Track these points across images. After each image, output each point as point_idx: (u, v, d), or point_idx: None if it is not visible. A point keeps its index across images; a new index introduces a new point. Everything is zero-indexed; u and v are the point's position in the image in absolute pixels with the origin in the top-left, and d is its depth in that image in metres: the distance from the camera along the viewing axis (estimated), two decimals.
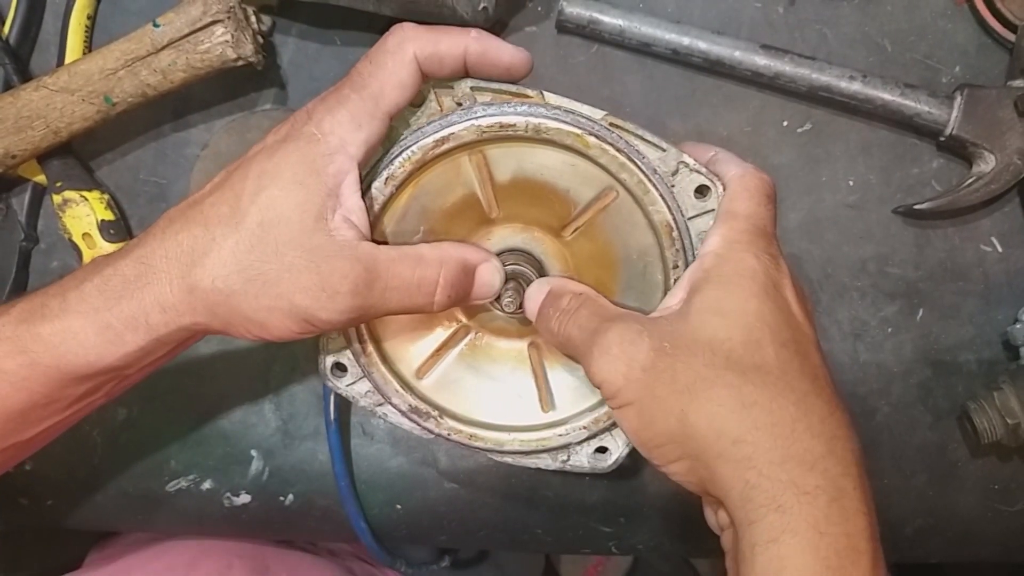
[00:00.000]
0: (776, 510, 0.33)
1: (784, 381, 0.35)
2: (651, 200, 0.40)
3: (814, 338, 0.37)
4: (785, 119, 0.56)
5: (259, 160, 0.38)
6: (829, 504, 0.33)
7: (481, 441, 0.46)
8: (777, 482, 0.33)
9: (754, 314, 0.36)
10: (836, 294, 0.57)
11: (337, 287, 0.37)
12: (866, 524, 0.33)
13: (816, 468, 0.33)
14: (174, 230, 0.38)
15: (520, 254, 0.45)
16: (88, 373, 0.39)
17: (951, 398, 0.58)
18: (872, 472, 0.58)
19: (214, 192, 0.38)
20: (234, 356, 0.59)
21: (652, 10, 0.55)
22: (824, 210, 0.57)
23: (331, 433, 0.57)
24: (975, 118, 0.53)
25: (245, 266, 0.36)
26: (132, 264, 0.38)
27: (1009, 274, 0.57)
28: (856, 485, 0.34)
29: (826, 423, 0.34)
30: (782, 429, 0.34)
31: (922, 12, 0.55)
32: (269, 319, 0.37)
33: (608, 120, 0.40)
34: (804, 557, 0.32)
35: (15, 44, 0.54)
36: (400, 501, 0.60)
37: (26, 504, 0.60)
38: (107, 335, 0.37)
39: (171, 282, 0.37)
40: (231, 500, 0.60)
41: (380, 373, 0.45)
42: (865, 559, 0.33)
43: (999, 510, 0.59)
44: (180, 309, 0.37)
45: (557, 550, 0.62)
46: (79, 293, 0.38)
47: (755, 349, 0.35)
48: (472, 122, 0.40)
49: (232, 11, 0.48)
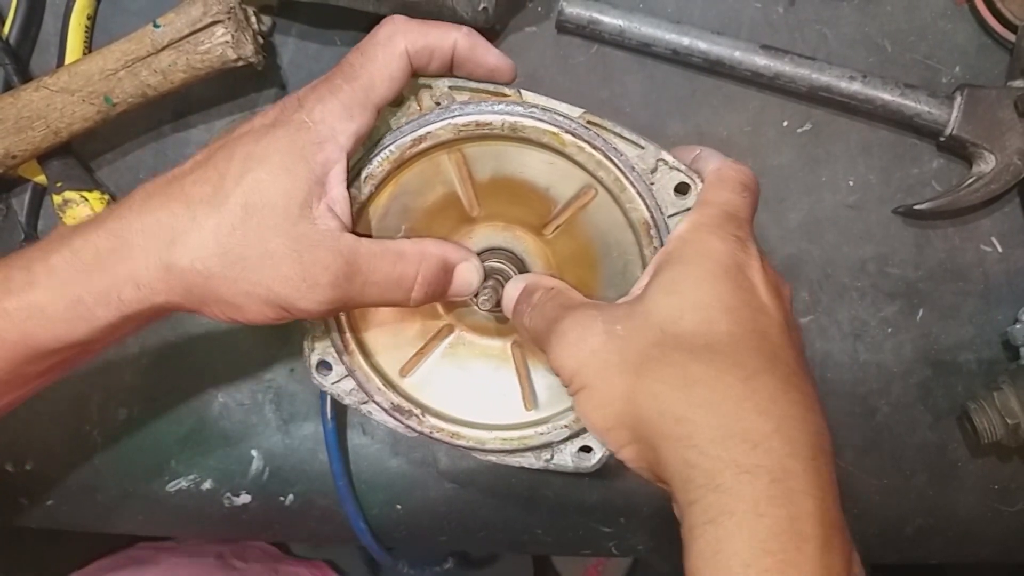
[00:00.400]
0: (714, 490, 0.31)
1: (733, 359, 0.33)
2: (628, 198, 0.40)
3: (779, 320, 0.36)
4: (785, 119, 0.56)
5: (246, 142, 0.37)
6: (771, 484, 0.31)
7: (463, 439, 0.46)
8: (717, 460, 0.31)
9: (710, 293, 0.35)
10: (836, 294, 0.57)
11: (318, 278, 0.36)
12: (815, 508, 0.31)
13: (760, 447, 0.31)
14: (152, 205, 0.36)
15: (502, 252, 0.45)
16: (55, 348, 0.38)
17: (951, 398, 0.58)
18: (872, 472, 0.58)
19: (196, 170, 0.37)
20: (234, 356, 0.59)
21: (652, 10, 0.55)
22: (824, 210, 0.57)
23: (328, 432, 0.57)
24: (975, 118, 0.53)
25: (226, 249, 0.36)
26: (106, 237, 0.36)
27: (1009, 274, 0.57)
28: (806, 467, 0.31)
29: (777, 402, 0.33)
30: (726, 407, 0.32)
31: (922, 12, 0.55)
32: (246, 303, 0.37)
33: (586, 118, 0.40)
34: (740, 539, 0.30)
35: (15, 44, 0.54)
36: (400, 501, 0.60)
37: (26, 504, 0.60)
38: (77, 310, 0.36)
39: (148, 259, 0.36)
40: (231, 500, 0.60)
41: (363, 371, 0.45)
42: (811, 545, 0.30)
43: (999, 510, 0.59)
44: (155, 287, 0.36)
45: (557, 551, 0.62)
46: (46, 266, 0.36)
47: (707, 328, 0.34)
48: (449, 121, 0.40)
49: (232, 11, 0.48)
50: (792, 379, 0.34)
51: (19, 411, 0.59)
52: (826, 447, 0.33)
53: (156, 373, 0.59)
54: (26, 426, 0.59)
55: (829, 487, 0.32)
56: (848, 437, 0.58)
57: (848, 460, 0.58)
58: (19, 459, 0.59)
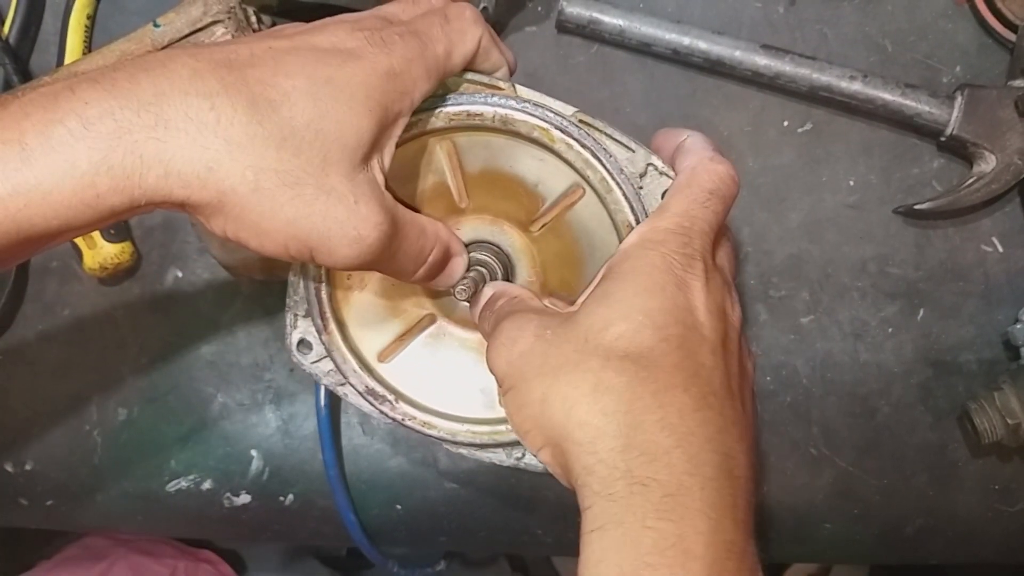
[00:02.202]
0: (606, 497, 0.31)
1: (649, 372, 0.33)
2: (614, 199, 0.40)
3: (713, 339, 0.35)
4: (786, 119, 0.56)
5: (328, 62, 0.33)
6: (663, 499, 0.30)
7: (435, 430, 0.46)
8: (614, 469, 0.31)
9: (639, 307, 0.34)
10: (836, 294, 0.57)
11: (365, 232, 0.34)
12: (707, 528, 0.30)
13: (658, 461, 0.31)
14: (206, 90, 0.31)
15: (488, 246, 0.45)
16: (46, 235, 0.31)
17: (951, 398, 0.58)
18: (872, 472, 0.58)
19: (260, 65, 0.32)
20: (234, 356, 0.59)
21: (652, 10, 0.55)
22: (824, 210, 0.57)
23: (321, 420, 0.57)
24: (976, 118, 0.53)
25: (284, 169, 0.32)
26: (136, 110, 0.30)
27: (1010, 274, 0.57)
28: (704, 486, 0.31)
29: (685, 419, 0.32)
30: (630, 418, 0.32)
31: (923, 12, 0.55)
32: (276, 230, 0.33)
33: (578, 117, 0.40)
34: (623, 550, 0.30)
35: (15, 44, 0.54)
36: (400, 501, 0.60)
37: (26, 504, 0.60)
38: (85, 196, 0.30)
39: (192, 151, 0.30)
40: (231, 500, 0.60)
41: (340, 352, 0.45)
42: (698, 564, 0.29)
43: (999, 510, 0.59)
44: (188, 182, 0.31)
45: (557, 551, 0.62)
46: (46, 139, 0.29)
47: (629, 339, 0.33)
48: (441, 109, 0.40)
49: (232, 11, 0.48)
50: (708, 399, 0.33)
51: (19, 411, 0.59)
52: (733, 471, 0.32)
53: (155, 373, 0.59)
54: (26, 426, 0.59)
55: (729, 509, 0.31)
56: (848, 437, 0.58)
57: (848, 460, 0.58)
58: (18, 459, 0.59)
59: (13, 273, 0.57)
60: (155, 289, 0.58)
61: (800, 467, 0.58)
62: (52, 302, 0.58)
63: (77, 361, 0.59)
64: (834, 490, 0.58)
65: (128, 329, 0.59)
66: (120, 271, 0.56)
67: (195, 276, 0.58)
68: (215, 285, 0.58)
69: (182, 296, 0.58)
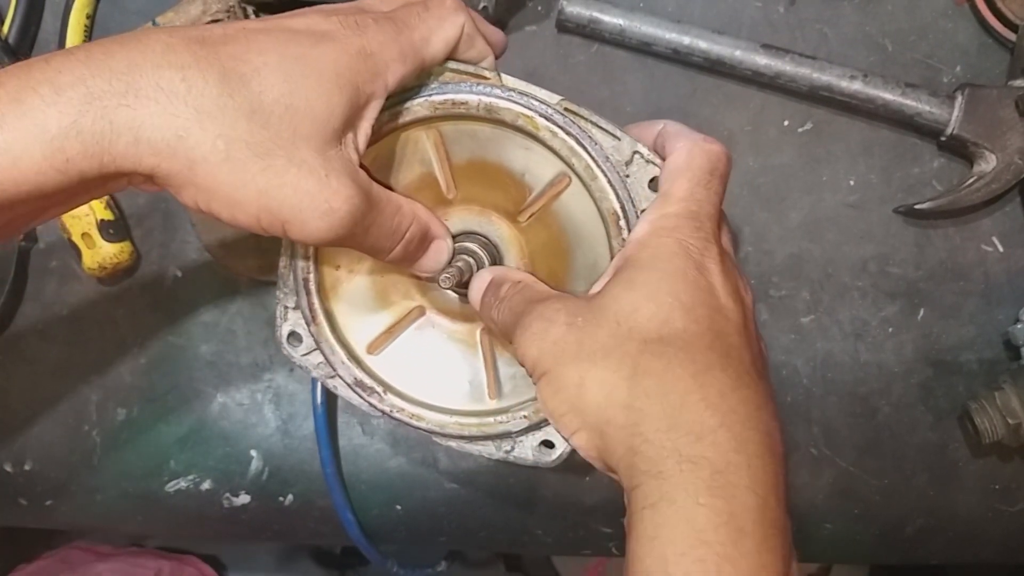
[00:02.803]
0: (656, 476, 0.32)
1: (686, 353, 0.34)
2: (599, 187, 0.40)
3: (737, 321, 0.36)
4: (786, 119, 0.56)
5: (299, 41, 0.34)
6: (713, 476, 0.31)
7: (424, 422, 0.46)
8: (661, 448, 0.32)
9: (666, 290, 0.35)
10: (837, 294, 0.57)
11: (337, 205, 0.34)
12: (756, 504, 0.31)
13: (704, 439, 0.32)
14: (179, 62, 0.31)
15: (476, 237, 0.45)
16: (16, 200, 0.31)
17: (952, 398, 0.58)
18: (873, 472, 0.58)
19: (232, 43, 0.33)
20: (234, 356, 0.59)
21: (652, 9, 0.54)
22: (825, 210, 0.57)
23: (318, 417, 0.57)
24: (976, 118, 0.53)
25: (255, 141, 0.32)
26: (108, 79, 0.31)
27: (1010, 274, 0.57)
28: (750, 463, 0.32)
29: (726, 397, 0.33)
30: (674, 398, 0.32)
31: (923, 12, 0.55)
32: (247, 202, 0.33)
33: (563, 105, 0.40)
34: (678, 526, 0.31)
35: (14, 43, 0.54)
36: (400, 501, 0.60)
37: (25, 504, 0.60)
38: (55, 161, 0.30)
39: (162, 119, 0.31)
40: (230, 500, 0.60)
41: (328, 344, 0.45)
42: (749, 541, 0.30)
43: (1000, 510, 0.59)
44: (159, 150, 0.31)
45: (557, 551, 0.62)
46: (17, 104, 0.30)
47: (661, 322, 0.34)
48: (425, 98, 0.40)
49: (232, 10, 0.48)
50: (744, 378, 0.34)
51: (19, 411, 0.59)
52: (775, 448, 0.33)
53: (155, 373, 0.59)
54: (25, 426, 0.59)
55: (773, 487, 0.32)
56: (849, 437, 0.58)
57: (849, 460, 0.58)
58: (18, 459, 0.59)
59: (12, 272, 0.57)
60: (154, 289, 0.58)
61: (800, 467, 0.58)
62: (51, 302, 0.58)
63: (76, 361, 0.59)
64: (834, 490, 0.58)
65: (127, 329, 0.58)
66: (119, 271, 0.56)
67: (194, 276, 0.58)
68: (214, 285, 0.58)
69: (181, 296, 0.58)
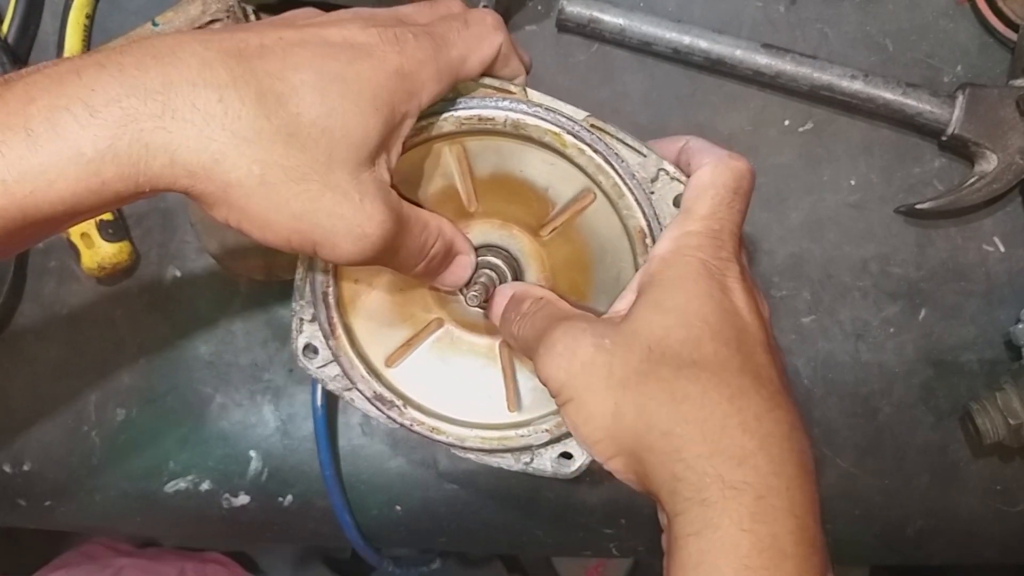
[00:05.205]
0: (700, 503, 0.32)
1: (720, 377, 0.34)
2: (626, 204, 0.40)
3: (763, 339, 0.36)
4: (786, 118, 0.56)
5: (337, 57, 0.33)
6: (755, 501, 0.31)
7: (443, 435, 0.46)
8: (704, 475, 0.32)
9: (695, 313, 0.35)
10: (838, 294, 0.57)
11: (370, 229, 0.34)
12: (796, 527, 0.32)
13: (745, 464, 0.32)
14: (215, 81, 0.31)
15: (497, 251, 0.45)
16: (51, 220, 0.31)
17: (953, 398, 0.58)
18: (873, 472, 0.58)
19: (268, 56, 0.32)
20: (233, 356, 0.58)
21: (653, 9, 0.54)
22: (825, 210, 0.57)
23: (317, 420, 0.57)
24: (977, 117, 0.53)
25: (291, 165, 0.32)
26: (142, 99, 0.30)
27: (1011, 274, 0.57)
28: (789, 485, 0.32)
29: (762, 420, 0.33)
30: (713, 424, 0.33)
31: (924, 11, 0.55)
32: (280, 224, 0.33)
33: (589, 121, 0.40)
34: (723, 553, 0.31)
35: (14, 43, 0.54)
36: (400, 502, 0.60)
37: (24, 505, 0.60)
38: (90, 183, 0.30)
39: (198, 142, 0.30)
40: (230, 501, 0.59)
41: (348, 358, 0.45)
42: (790, 563, 0.31)
43: (1001, 511, 0.59)
44: (194, 171, 0.31)
45: (558, 552, 0.62)
46: (51, 125, 0.29)
47: (693, 346, 0.34)
48: (452, 113, 0.40)
49: (231, 10, 0.48)
50: (776, 398, 0.34)
51: (18, 411, 0.59)
52: (808, 466, 0.34)
53: (154, 374, 0.59)
54: (24, 426, 0.59)
55: (810, 506, 0.33)
56: (849, 438, 0.58)
57: (849, 461, 0.58)
58: (17, 460, 0.59)
59: (11, 272, 0.57)
60: (153, 289, 0.58)
61: None
62: (50, 302, 0.58)
63: (75, 361, 0.59)
64: (835, 491, 0.58)
65: (126, 329, 0.58)
66: (118, 271, 0.56)
67: (194, 276, 0.58)
68: (214, 285, 0.58)
69: (181, 296, 0.58)
